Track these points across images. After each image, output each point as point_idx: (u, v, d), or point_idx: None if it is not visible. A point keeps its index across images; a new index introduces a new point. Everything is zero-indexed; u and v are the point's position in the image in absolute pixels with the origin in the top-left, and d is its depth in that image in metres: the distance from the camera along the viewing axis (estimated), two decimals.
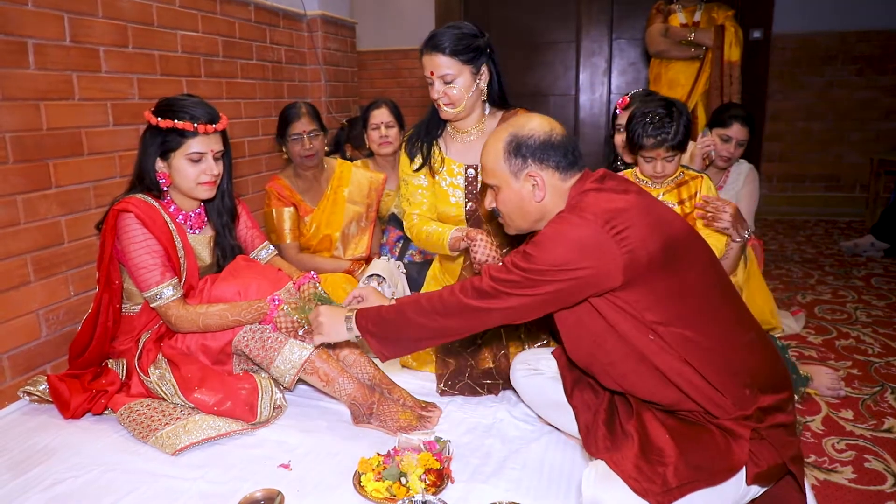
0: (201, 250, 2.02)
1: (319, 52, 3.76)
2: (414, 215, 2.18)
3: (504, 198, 1.45)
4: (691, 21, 3.64)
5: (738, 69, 3.54)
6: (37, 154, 2.03)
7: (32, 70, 2.01)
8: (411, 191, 2.19)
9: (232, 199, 2.08)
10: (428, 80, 2.00)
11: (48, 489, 1.56)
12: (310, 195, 2.83)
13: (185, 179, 1.89)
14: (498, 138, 1.44)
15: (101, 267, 1.88)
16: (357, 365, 1.98)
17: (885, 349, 2.48)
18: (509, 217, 1.49)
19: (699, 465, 1.23)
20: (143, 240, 1.83)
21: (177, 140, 1.85)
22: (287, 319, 1.84)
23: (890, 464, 1.70)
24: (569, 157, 1.41)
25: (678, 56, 3.67)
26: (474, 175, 2.11)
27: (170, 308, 1.84)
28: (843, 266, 3.71)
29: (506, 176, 1.42)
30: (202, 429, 1.75)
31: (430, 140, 2.15)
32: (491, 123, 2.09)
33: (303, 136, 2.71)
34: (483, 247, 1.89)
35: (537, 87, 5.44)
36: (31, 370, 2.06)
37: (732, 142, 2.61)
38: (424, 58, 1.98)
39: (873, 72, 4.96)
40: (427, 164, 2.15)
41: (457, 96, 1.98)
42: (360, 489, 1.50)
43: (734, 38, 3.51)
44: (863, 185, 5.08)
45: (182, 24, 2.70)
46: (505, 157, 1.41)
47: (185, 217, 1.98)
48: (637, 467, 1.22)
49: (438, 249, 2.09)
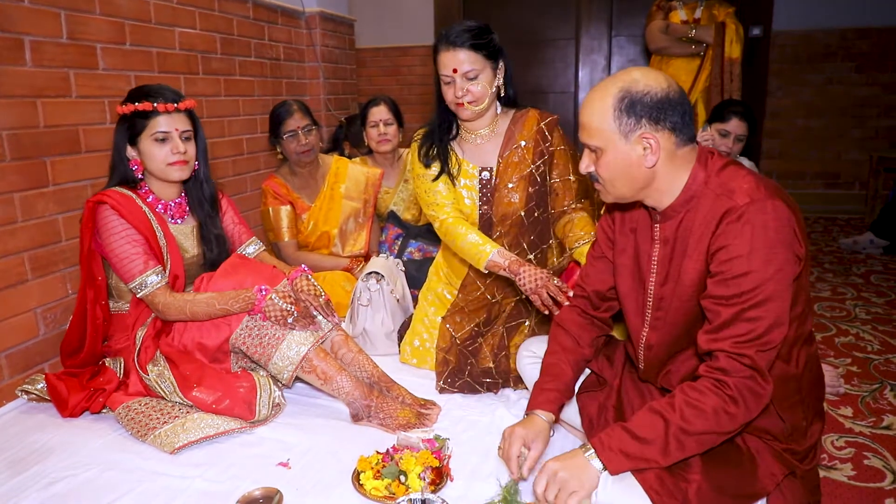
0: (184, 240, 2.01)
1: (318, 50, 3.75)
2: (445, 214, 2.04)
3: (608, 161, 1.26)
4: (692, 18, 3.62)
5: (738, 66, 3.53)
6: (34, 152, 2.02)
7: (29, 67, 2.00)
8: (433, 198, 2.06)
9: (210, 184, 2.07)
10: (446, 79, 1.90)
11: (46, 488, 1.55)
12: (306, 192, 2.83)
13: (154, 161, 1.88)
14: (606, 93, 1.23)
15: (81, 262, 1.89)
16: (355, 363, 1.97)
17: (884, 346, 2.48)
18: (610, 183, 1.29)
19: (723, 489, 1.18)
20: (121, 230, 1.82)
21: (141, 123, 1.86)
22: (276, 308, 1.83)
23: (889, 461, 1.70)
24: (686, 119, 1.23)
25: (678, 53, 3.66)
26: (488, 177, 2.05)
27: (156, 296, 1.83)
28: (843, 263, 3.70)
29: (613, 137, 1.23)
30: (201, 427, 1.74)
31: (445, 145, 2.06)
32: (503, 123, 2.05)
33: (297, 133, 2.71)
34: (529, 278, 1.79)
35: (537, 84, 5.42)
36: (28, 369, 2.05)
37: (731, 136, 2.62)
38: (443, 55, 1.88)
39: (873, 69, 4.95)
40: (446, 172, 2.05)
41: (480, 93, 1.90)
42: (359, 487, 1.50)
43: (735, 35, 3.50)
44: (862, 182, 5.07)
45: (180, 21, 2.69)
46: (615, 116, 1.22)
47: (164, 206, 1.97)
48: (659, 478, 1.16)
49: (470, 261, 1.99)
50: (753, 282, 1.13)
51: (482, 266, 1.92)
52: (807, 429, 1.28)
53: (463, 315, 2.12)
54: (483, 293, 2.11)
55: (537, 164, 2.02)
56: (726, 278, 1.16)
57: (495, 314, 2.11)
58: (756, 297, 1.13)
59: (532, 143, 2.02)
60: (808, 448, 1.28)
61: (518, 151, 2.02)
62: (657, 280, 1.34)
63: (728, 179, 1.22)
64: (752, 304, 1.13)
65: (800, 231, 1.16)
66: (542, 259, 2.08)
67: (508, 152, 2.03)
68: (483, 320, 2.10)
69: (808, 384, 1.28)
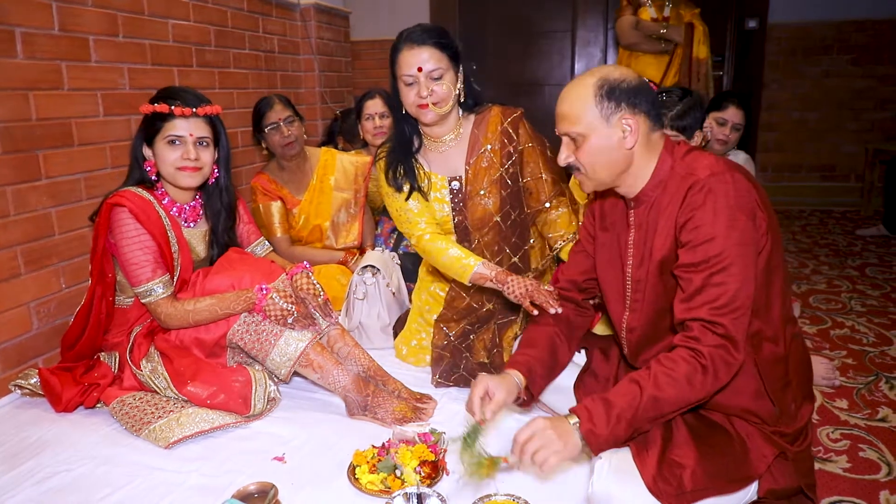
0: (196, 244, 2.00)
1: (313, 42, 3.72)
2: (420, 231, 2.00)
3: (591, 147, 1.32)
4: (661, 16, 3.70)
5: (706, 66, 3.64)
6: (26, 145, 2.00)
7: (20, 59, 1.98)
8: (405, 217, 2.01)
9: (231, 194, 2.03)
10: (408, 79, 1.83)
11: (41, 483, 1.55)
12: (295, 186, 2.82)
13: (165, 164, 1.86)
14: (585, 83, 1.31)
15: (93, 260, 1.87)
16: (352, 357, 1.97)
17: (879, 339, 2.48)
18: (592, 169, 1.34)
19: (716, 473, 1.21)
20: (135, 235, 1.80)
21: (158, 124, 1.84)
22: (276, 307, 1.82)
23: (884, 453, 1.70)
24: (655, 107, 1.33)
25: (648, 50, 3.73)
26: (458, 187, 2.01)
27: (159, 305, 1.82)
28: (838, 256, 3.71)
29: (596, 121, 1.30)
30: (195, 422, 1.73)
31: (410, 160, 1.99)
32: (466, 127, 2.00)
33: (279, 124, 2.69)
34: (517, 287, 1.77)
35: (533, 76, 5.40)
36: (22, 363, 2.04)
37: (728, 125, 2.64)
38: (406, 54, 1.82)
39: (869, 61, 4.95)
40: (416, 188, 1.99)
41: (445, 94, 1.84)
42: (354, 482, 1.50)
43: (703, 35, 3.61)
44: (858, 174, 5.08)
45: (173, 13, 2.67)
46: (596, 101, 1.29)
47: (179, 210, 1.95)
48: (657, 464, 1.20)
49: (454, 276, 1.95)
50: (719, 247, 1.19)
51: (467, 280, 1.89)
52: (796, 411, 1.30)
53: (454, 319, 2.11)
54: (469, 302, 2.09)
55: (506, 165, 1.98)
56: (694, 245, 1.22)
57: (486, 316, 2.09)
58: (722, 261, 1.19)
59: (498, 144, 1.97)
60: (798, 430, 1.29)
61: (485, 156, 1.98)
62: (634, 263, 1.41)
63: (691, 161, 1.31)
64: (718, 269, 1.19)
65: (761, 203, 1.23)
66: (525, 260, 2.06)
67: (475, 158, 1.98)
68: (475, 321, 2.09)
69: (795, 364, 1.31)
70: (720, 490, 1.21)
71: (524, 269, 2.04)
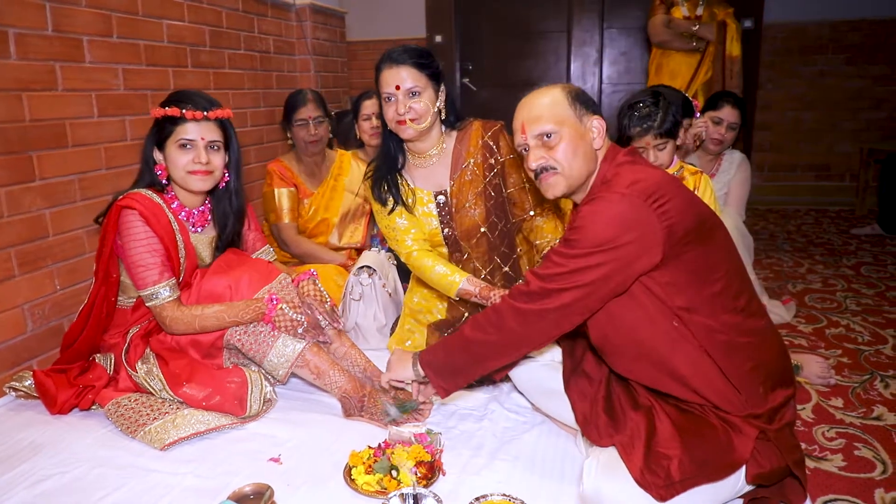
0: (202, 250, 1.99)
1: (308, 42, 3.72)
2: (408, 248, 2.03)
3: (568, 142, 1.39)
4: (694, 14, 3.73)
5: (738, 64, 3.65)
6: (20, 146, 1.99)
7: (14, 60, 1.97)
8: (393, 234, 2.05)
9: (241, 198, 2.01)
10: (387, 97, 1.90)
11: (35, 485, 1.54)
12: (310, 179, 2.89)
13: (176, 168, 1.85)
14: (552, 90, 1.44)
15: (99, 261, 1.86)
16: (348, 357, 1.97)
17: (874, 337, 2.49)
18: (569, 165, 1.40)
19: (703, 461, 1.23)
20: (144, 238, 1.79)
21: (169, 128, 1.83)
22: (286, 318, 1.82)
23: (879, 451, 1.70)
24: None
25: (679, 47, 3.75)
26: (445, 201, 2.04)
27: (165, 309, 1.81)
28: (833, 255, 3.72)
29: (572, 118, 1.40)
30: (191, 423, 1.73)
31: (394, 175, 2.04)
32: (449, 143, 2.04)
33: (308, 122, 2.76)
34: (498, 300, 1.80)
35: (528, 76, 5.41)
36: (16, 365, 2.03)
37: (724, 124, 2.65)
38: (386, 73, 1.88)
39: (864, 61, 4.96)
40: (400, 203, 2.03)
41: (423, 110, 1.89)
42: (350, 483, 1.49)
43: (735, 33, 3.63)
44: (853, 174, 5.09)
45: (168, 14, 2.66)
46: (569, 103, 1.41)
47: (187, 214, 1.93)
48: (644, 457, 1.22)
49: (442, 291, 2.01)
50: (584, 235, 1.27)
51: (453, 295, 1.95)
52: (766, 394, 1.30)
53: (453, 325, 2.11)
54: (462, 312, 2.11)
55: (489, 178, 2.02)
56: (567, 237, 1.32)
57: None
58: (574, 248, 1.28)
59: (480, 157, 2.02)
60: (772, 409, 1.29)
61: (469, 170, 2.02)
62: None
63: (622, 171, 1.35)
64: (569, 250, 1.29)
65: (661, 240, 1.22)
66: (515, 269, 2.09)
67: (459, 173, 2.03)
68: None
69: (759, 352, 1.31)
70: (708, 477, 1.22)
71: (515, 278, 2.07)
